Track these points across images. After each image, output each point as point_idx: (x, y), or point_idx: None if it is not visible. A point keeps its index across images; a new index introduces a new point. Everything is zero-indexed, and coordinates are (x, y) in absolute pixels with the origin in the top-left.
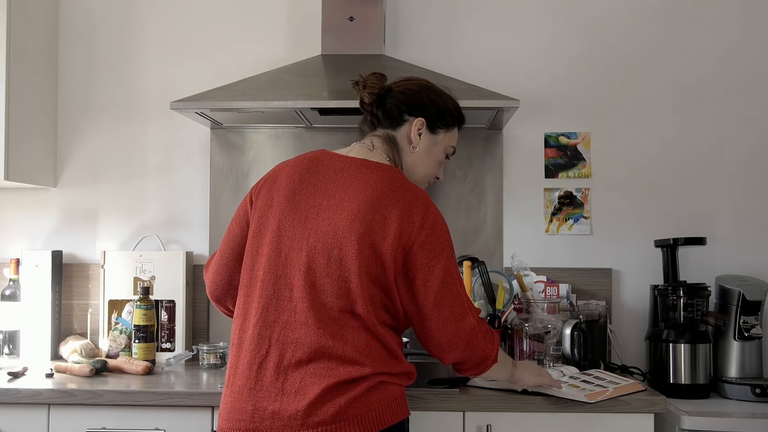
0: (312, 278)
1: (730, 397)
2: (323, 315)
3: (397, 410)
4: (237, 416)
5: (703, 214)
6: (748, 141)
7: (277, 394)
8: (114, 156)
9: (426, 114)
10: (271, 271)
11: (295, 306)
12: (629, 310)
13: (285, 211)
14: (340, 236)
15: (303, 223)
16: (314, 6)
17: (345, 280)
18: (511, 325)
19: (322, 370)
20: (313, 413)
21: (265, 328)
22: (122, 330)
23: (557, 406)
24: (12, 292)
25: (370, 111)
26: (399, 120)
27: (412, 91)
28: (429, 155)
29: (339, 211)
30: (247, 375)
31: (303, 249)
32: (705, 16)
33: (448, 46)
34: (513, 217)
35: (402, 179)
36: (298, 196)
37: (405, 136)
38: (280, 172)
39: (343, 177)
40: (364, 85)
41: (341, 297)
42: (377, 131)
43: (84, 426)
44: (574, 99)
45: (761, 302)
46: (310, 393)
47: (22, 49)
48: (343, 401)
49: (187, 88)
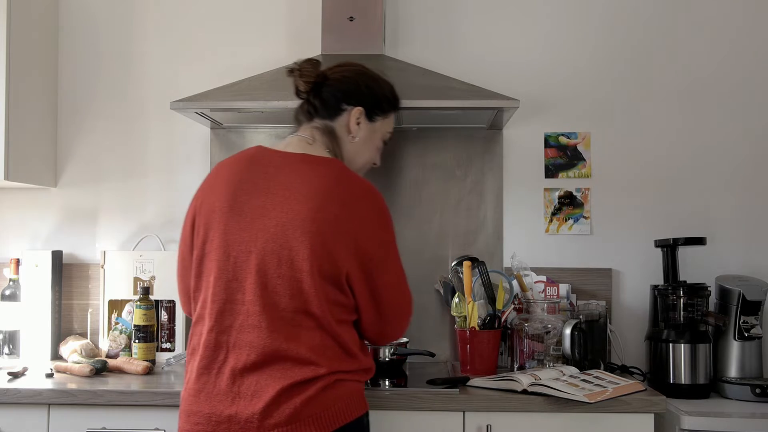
0: (264, 280)
1: (730, 397)
2: (276, 317)
3: (354, 407)
4: (195, 419)
5: (703, 214)
6: (748, 141)
7: (234, 398)
8: (114, 156)
9: (364, 103)
10: (222, 276)
11: (248, 309)
12: (629, 310)
13: (228, 214)
14: (289, 236)
15: (249, 225)
16: (314, 6)
17: (297, 280)
18: (511, 325)
19: (277, 372)
20: (270, 415)
21: (221, 333)
22: (122, 330)
23: (557, 406)
24: (12, 292)
25: (307, 99)
26: (337, 110)
27: (348, 78)
28: (368, 143)
29: (286, 210)
30: (204, 380)
31: (252, 251)
32: (705, 16)
33: (448, 46)
34: (513, 217)
35: (346, 172)
36: (240, 198)
37: (344, 126)
38: (218, 174)
39: (284, 174)
40: (300, 74)
41: (294, 297)
42: (315, 122)
43: (84, 426)
44: (574, 99)
45: (761, 302)
46: (266, 395)
47: (22, 49)
48: (298, 402)
49: (187, 88)
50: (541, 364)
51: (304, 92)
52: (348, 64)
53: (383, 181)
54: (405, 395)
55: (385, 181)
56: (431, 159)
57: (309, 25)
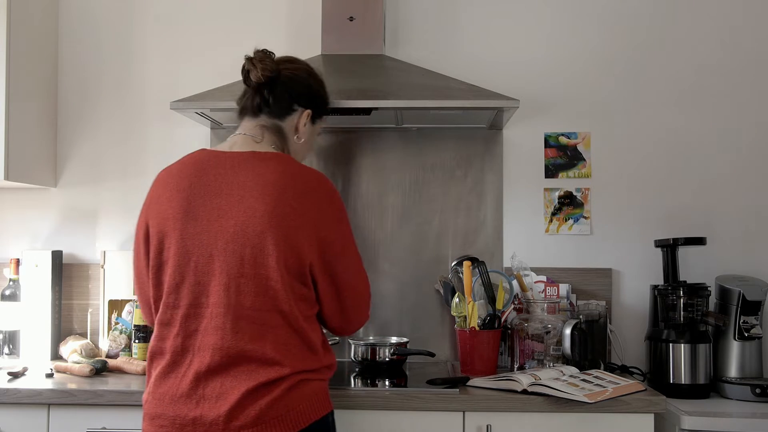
0: (227, 281)
1: (730, 397)
2: (241, 317)
3: (318, 406)
4: (159, 422)
5: (703, 213)
6: (749, 141)
7: (198, 400)
8: (114, 156)
9: (313, 106)
10: (185, 281)
11: (212, 312)
12: (629, 310)
13: (183, 220)
14: (249, 234)
15: (207, 228)
16: (314, 6)
17: (263, 277)
18: (511, 325)
19: (242, 374)
20: (235, 417)
21: (187, 337)
22: (122, 330)
23: (557, 406)
24: (12, 292)
25: (258, 91)
26: (288, 110)
27: (301, 79)
28: (309, 143)
29: (242, 208)
30: (169, 383)
31: (213, 254)
32: (705, 16)
33: (448, 46)
34: (513, 217)
35: (297, 165)
36: (194, 202)
37: (292, 126)
38: (165, 183)
39: (236, 173)
40: (262, 66)
41: (260, 295)
42: (262, 119)
43: (84, 426)
44: (574, 99)
45: (761, 302)
46: (231, 398)
47: (23, 49)
48: (263, 404)
49: (187, 88)
50: (541, 364)
51: (257, 83)
52: (296, 61)
53: (383, 181)
54: (405, 395)
55: (385, 181)
56: (431, 159)
57: (309, 25)
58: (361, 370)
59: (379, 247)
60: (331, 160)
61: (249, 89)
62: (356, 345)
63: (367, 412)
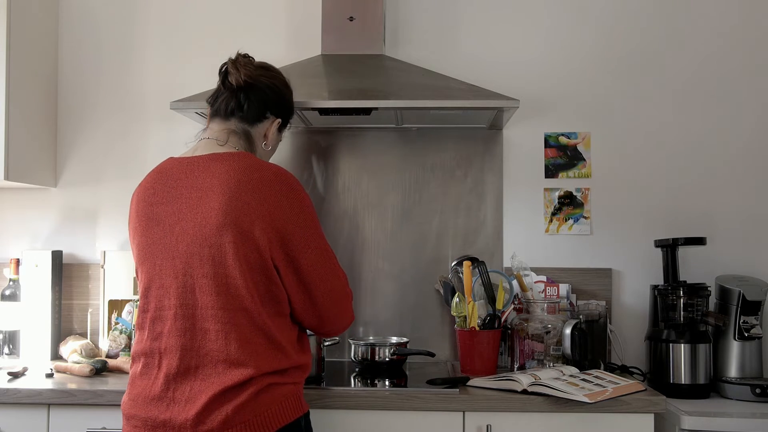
0: (189, 282)
1: (730, 397)
2: (205, 317)
3: (289, 410)
4: (133, 423)
5: (703, 213)
6: (749, 141)
7: (168, 403)
8: (114, 156)
9: (282, 115)
10: (152, 285)
11: (175, 314)
12: (629, 310)
13: (147, 226)
14: (207, 233)
15: (169, 232)
16: (314, 6)
17: (224, 275)
18: (511, 325)
19: (209, 377)
20: (202, 422)
21: (154, 340)
22: (122, 330)
23: (557, 406)
24: (12, 292)
25: (235, 94)
26: (260, 117)
27: (277, 88)
28: (272, 150)
29: (200, 209)
30: (143, 384)
31: (176, 257)
32: (703, 16)
33: (448, 46)
34: (513, 217)
35: (254, 161)
36: (156, 209)
37: (261, 133)
38: (138, 193)
39: (194, 176)
40: (245, 72)
41: (222, 294)
42: (232, 123)
43: (84, 426)
44: (574, 99)
45: (761, 302)
46: (199, 401)
47: (22, 49)
48: (230, 409)
49: (187, 88)
50: (541, 364)
51: (236, 86)
52: (273, 69)
53: (383, 181)
54: (405, 395)
55: (385, 181)
56: (431, 159)
57: (309, 25)
58: (361, 370)
59: (379, 247)
60: (331, 160)
61: (224, 90)
62: (356, 345)
63: (367, 412)
